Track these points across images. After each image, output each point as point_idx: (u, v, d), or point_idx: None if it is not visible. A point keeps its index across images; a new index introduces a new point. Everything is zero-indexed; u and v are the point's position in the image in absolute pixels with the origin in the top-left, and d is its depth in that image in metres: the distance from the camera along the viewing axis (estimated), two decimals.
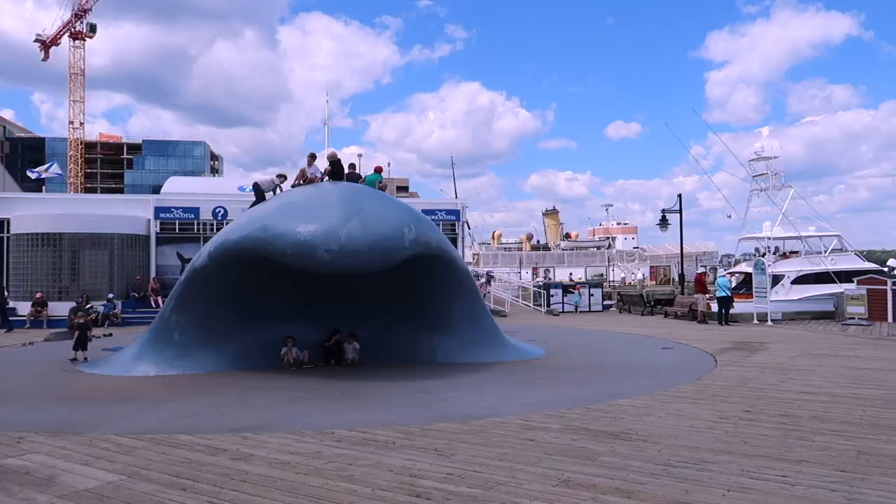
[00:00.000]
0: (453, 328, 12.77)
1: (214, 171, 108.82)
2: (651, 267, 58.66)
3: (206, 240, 23.54)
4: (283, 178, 13.86)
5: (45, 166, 30.39)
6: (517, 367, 11.89)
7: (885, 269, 30.59)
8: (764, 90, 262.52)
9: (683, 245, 30.41)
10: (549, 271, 50.35)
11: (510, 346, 13.31)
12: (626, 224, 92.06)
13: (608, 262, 57.40)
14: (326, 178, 12.55)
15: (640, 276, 52.25)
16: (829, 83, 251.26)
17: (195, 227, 25.50)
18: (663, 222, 29.82)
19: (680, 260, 31.77)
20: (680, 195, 28.80)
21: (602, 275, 50.88)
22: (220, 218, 25.20)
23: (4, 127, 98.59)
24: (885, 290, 20.01)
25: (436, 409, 8.50)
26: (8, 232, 23.57)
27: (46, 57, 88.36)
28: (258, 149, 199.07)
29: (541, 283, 34.37)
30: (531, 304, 29.80)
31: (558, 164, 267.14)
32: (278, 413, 8.39)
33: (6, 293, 22.22)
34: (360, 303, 13.00)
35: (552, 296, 27.69)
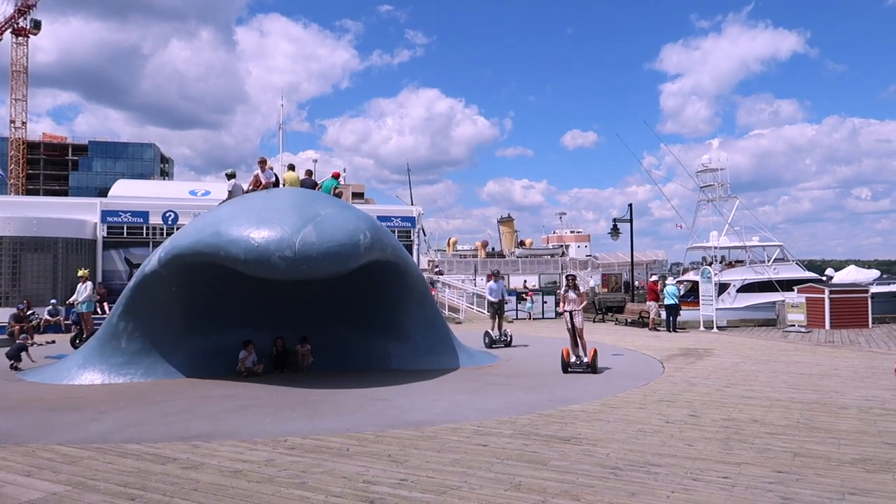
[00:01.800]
0: (408, 335, 12.81)
1: (165, 174, 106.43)
2: (603, 274, 59.75)
3: (155, 244, 23.10)
4: (232, 175, 13.65)
5: None
6: (471, 374, 12.00)
7: (824, 279, 31.90)
8: (715, 103, 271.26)
9: (634, 253, 31.09)
10: (503, 278, 50.72)
11: (465, 352, 13.41)
12: (579, 232, 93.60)
13: (562, 269, 58.22)
14: (281, 183, 12.46)
15: (592, 283, 53.12)
16: (776, 97, 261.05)
17: (144, 231, 24.93)
18: (615, 231, 30.48)
19: (630, 268, 32.49)
20: (631, 205, 29.51)
21: (556, 282, 51.56)
22: (170, 222, 24.70)
23: None
24: (823, 298, 20.87)
25: (390, 415, 8.52)
26: None
27: None
28: (212, 151, 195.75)
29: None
30: (486, 312, 30.00)
31: (515, 172, 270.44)
32: (229, 421, 8.29)
33: None
34: (314, 309, 12.94)
35: (506, 303, 27.92)
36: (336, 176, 14.13)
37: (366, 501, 5.11)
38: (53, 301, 21.38)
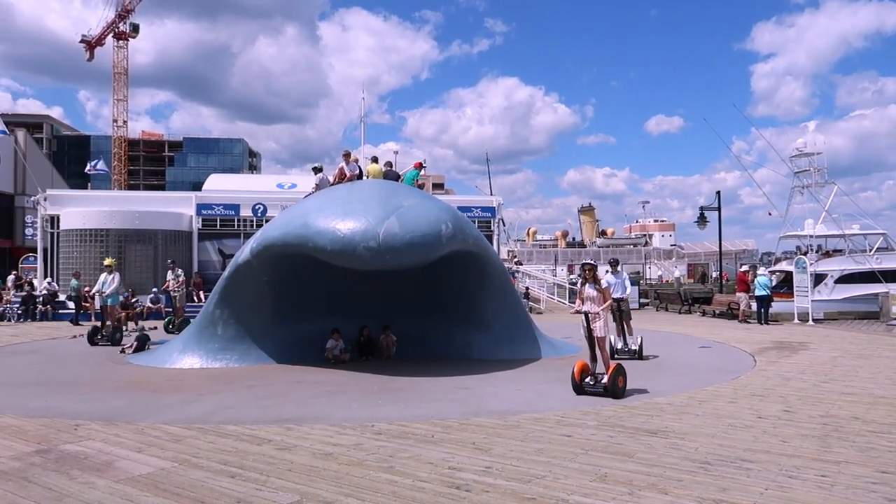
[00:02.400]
0: (489, 325, 12.87)
1: (253, 167, 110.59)
2: (689, 265, 57.89)
3: (246, 236, 24.10)
4: (319, 169, 14.09)
5: (93, 163, 31.31)
6: (553, 364, 11.94)
7: None
8: (812, 83, 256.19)
9: (722, 242, 29.97)
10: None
11: (546, 342, 13.36)
12: (663, 221, 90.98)
13: (645, 259, 56.84)
14: (366, 176, 12.75)
15: (677, 273, 51.60)
16: (880, 75, 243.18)
17: (235, 223, 26.08)
18: (702, 219, 29.44)
19: (718, 258, 31.32)
20: (719, 192, 28.44)
21: (638, 272, 50.41)
22: (259, 215, 25.71)
23: (52, 125, 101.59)
24: None
25: (472, 404, 8.62)
26: (58, 228, 24.43)
27: (91, 57, 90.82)
28: (297, 145, 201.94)
29: (576, 280, 34.23)
30: (567, 302, 29.73)
31: (596, 160, 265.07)
32: (319, 406, 8.61)
33: (57, 287, 23.06)
34: (397, 299, 13.19)
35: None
36: (418, 167, 14.32)
37: (452, 487, 5.22)
38: (155, 290, 22.70)
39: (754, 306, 20.82)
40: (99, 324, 16.27)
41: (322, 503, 4.87)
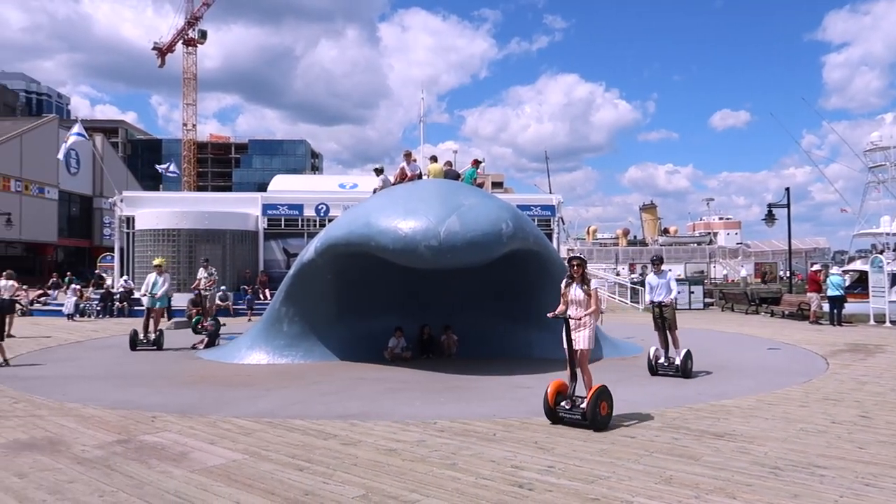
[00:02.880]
0: (550, 324, 12.73)
1: (315, 168, 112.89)
2: (756, 264, 55.99)
3: (309, 235, 24.64)
4: (380, 171, 14.33)
5: (166, 165, 32.61)
6: (615, 365, 11.79)
7: None
8: (889, 72, 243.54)
9: (792, 241, 28.88)
10: (646, 267, 49.09)
11: (608, 342, 13.19)
12: (728, 219, 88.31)
13: (709, 258, 55.32)
14: (426, 175, 12.88)
15: (743, 273, 49.95)
16: None
17: (299, 223, 26.71)
18: (770, 217, 28.44)
19: (787, 256, 30.20)
20: (788, 189, 27.44)
21: (702, 271, 49.10)
22: (322, 214, 26.26)
23: (126, 130, 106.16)
24: None
25: (534, 403, 8.57)
26: (133, 228, 25.56)
27: (162, 64, 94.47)
28: (357, 145, 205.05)
29: (637, 279, 33.62)
30: (628, 301, 29.24)
31: (658, 157, 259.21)
32: (382, 402, 8.76)
33: (133, 285, 24.12)
34: (458, 297, 13.26)
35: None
36: (475, 164, 14.36)
37: (514, 485, 5.24)
38: (223, 287, 23.47)
39: (826, 307, 19.99)
40: (141, 327, 14.51)
41: (387, 498, 4.98)
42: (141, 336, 14.21)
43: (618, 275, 40.41)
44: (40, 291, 27.41)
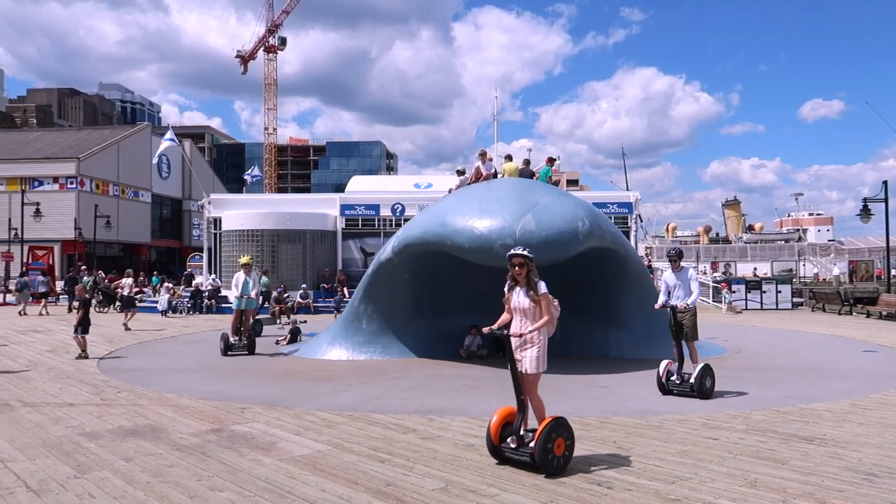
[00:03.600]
0: (627, 323, 12.60)
1: (390, 169, 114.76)
2: (851, 261, 52.97)
3: (386, 235, 25.15)
4: (462, 172, 14.51)
5: (250, 171, 33.93)
6: None
7: None
8: None
9: (890, 237, 27.17)
10: (729, 266, 47.36)
11: None
12: (819, 214, 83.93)
13: (798, 256, 52.78)
14: (500, 174, 12.93)
15: (836, 271, 47.40)
16: None
17: (376, 222, 27.26)
18: (865, 212, 26.89)
19: (886, 254, 28.48)
20: (886, 182, 25.87)
21: (791, 270, 46.92)
22: (398, 214, 26.71)
23: (212, 135, 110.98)
24: None
25: (611, 402, 8.53)
26: (220, 229, 26.76)
27: (245, 70, 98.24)
28: (431, 145, 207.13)
29: (720, 278, 32.53)
30: (710, 301, 28.32)
31: (743, 151, 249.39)
32: (459, 399, 8.88)
33: (220, 283, 25.27)
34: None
35: (734, 292, 26.16)
36: (550, 162, 14.30)
37: (594, 483, 5.24)
38: (304, 286, 24.27)
39: None
40: (231, 330, 13.52)
41: (466, 491, 5.07)
42: (232, 339, 13.17)
43: (705, 274, 39.15)
44: (137, 289, 29.06)
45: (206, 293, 25.05)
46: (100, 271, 29.81)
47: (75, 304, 18.10)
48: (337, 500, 4.89)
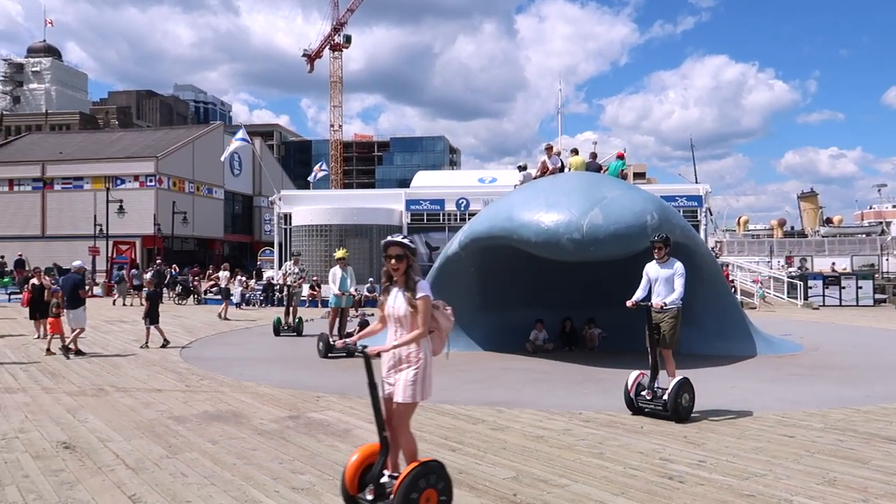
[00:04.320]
0: (698, 318, 12.33)
1: (453, 163, 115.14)
2: None
3: (450, 229, 25.34)
4: (523, 167, 14.53)
5: (319, 166, 34.73)
6: (770, 362, 11.20)
7: None
8: None
9: None
10: (805, 260, 45.48)
11: (762, 339, 12.53)
12: None
13: (881, 250, 50.19)
14: (568, 168, 12.90)
15: None
16: None
17: (441, 217, 27.51)
18: None
19: None
20: None
21: (873, 265, 44.68)
22: (462, 209, 26.87)
23: (280, 133, 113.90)
24: None
25: None
26: (290, 224, 27.57)
27: (311, 69, 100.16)
28: (494, 139, 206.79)
29: (796, 273, 31.36)
30: (784, 297, 27.36)
31: (820, 141, 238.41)
32: (526, 392, 8.97)
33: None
34: (601, 290, 13.16)
35: (810, 287, 25.20)
36: (621, 157, 14.16)
37: (665, 477, 5.24)
38: (371, 280, 24.73)
39: None
40: (329, 331, 12.48)
41: (537, 481, 5.17)
42: (332, 339, 11.86)
43: (770, 267, 37.81)
44: (211, 283, 30.28)
45: (278, 286, 25.84)
46: (166, 264, 31.02)
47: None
48: None
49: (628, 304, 7.77)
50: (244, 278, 27.25)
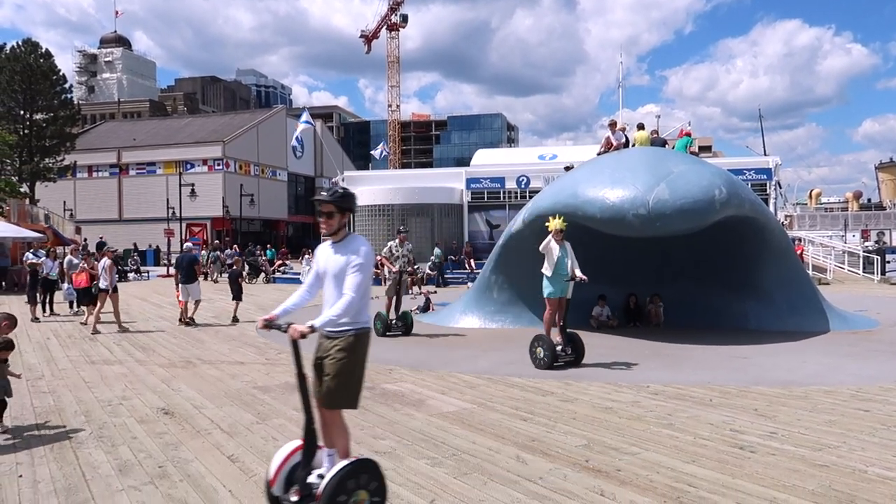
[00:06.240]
0: (768, 294, 12.17)
1: (511, 140, 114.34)
2: None
3: (511, 207, 25.42)
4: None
5: (380, 148, 35.25)
6: (844, 338, 10.96)
7: None
8: None
9: None
10: (882, 234, 43.48)
11: (835, 314, 12.23)
12: None
13: None
14: (632, 144, 12.80)
15: None
16: None
17: (501, 195, 27.58)
18: None
19: None
20: None
21: None
22: (523, 186, 26.88)
23: (339, 114, 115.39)
24: None
25: (751, 373, 8.40)
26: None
27: (369, 50, 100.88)
28: (553, 115, 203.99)
29: (872, 247, 30.09)
30: (860, 272, 26.34)
31: None
32: (592, 366, 9.08)
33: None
34: (666, 265, 13.08)
35: (888, 262, 24.21)
36: (688, 134, 13.94)
37: (735, 447, 5.33)
38: (433, 258, 25.11)
39: None
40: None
41: (608, 448, 5.34)
42: (557, 346, 9.02)
43: (845, 242, 36.34)
44: (280, 262, 31.29)
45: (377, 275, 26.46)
46: (223, 245, 32.09)
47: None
48: (487, 451, 5.32)
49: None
50: (311, 258, 28.06)
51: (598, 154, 13.53)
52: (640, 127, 13.72)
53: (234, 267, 16.65)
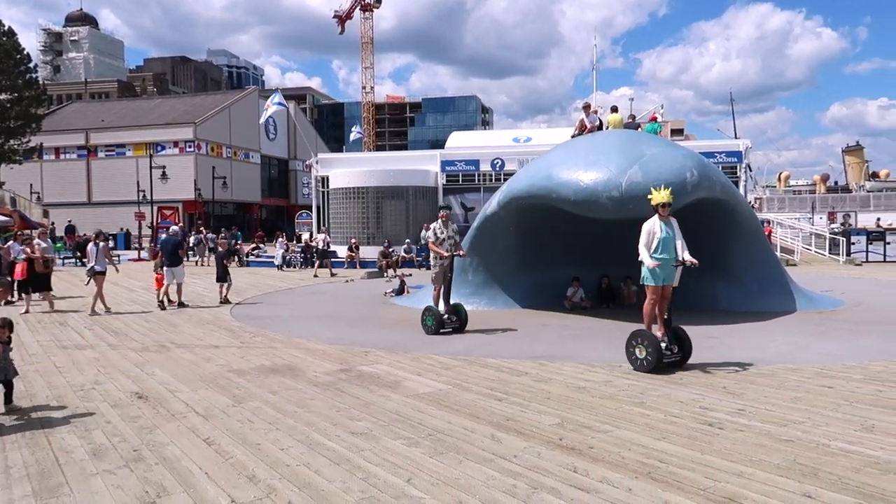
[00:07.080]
0: (738, 275, 12.41)
1: (486, 123, 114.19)
2: None
3: (486, 190, 25.44)
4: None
5: (354, 129, 34.97)
6: (810, 318, 11.24)
7: None
8: None
9: None
10: (848, 216, 44.42)
11: (802, 295, 12.53)
12: None
13: None
14: (605, 126, 12.88)
15: None
16: None
17: (476, 177, 27.59)
18: None
19: None
20: None
21: None
22: (497, 169, 26.90)
23: (313, 96, 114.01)
24: None
25: (721, 352, 8.58)
26: (328, 187, 27.96)
27: (342, 30, 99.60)
28: (528, 97, 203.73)
29: (838, 229, 30.77)
30: (826, 253, 26.95)
31: (870, 91, 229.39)
32: (567, 346, 9.21)
33: (328, 239, 26.53)
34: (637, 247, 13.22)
35: (853, 243, 24.81)
36: (654, 119, 14.05)
37: (704, 423, 5.47)
38: (408, 240, 25.09)
39: None
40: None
41: (581, 427, 5.44)
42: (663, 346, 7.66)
43: (812, 224, 37.09)
44: (253, 245, 31.01)
45: (318, 252, 26.36)
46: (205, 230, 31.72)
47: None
48: (462, 431, 5.38)
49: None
50: (284, 240, 27.82)
51: (573, 137, 13.59)
52: (614, 110, 13.81)
53: (220, 249, 16.55)
